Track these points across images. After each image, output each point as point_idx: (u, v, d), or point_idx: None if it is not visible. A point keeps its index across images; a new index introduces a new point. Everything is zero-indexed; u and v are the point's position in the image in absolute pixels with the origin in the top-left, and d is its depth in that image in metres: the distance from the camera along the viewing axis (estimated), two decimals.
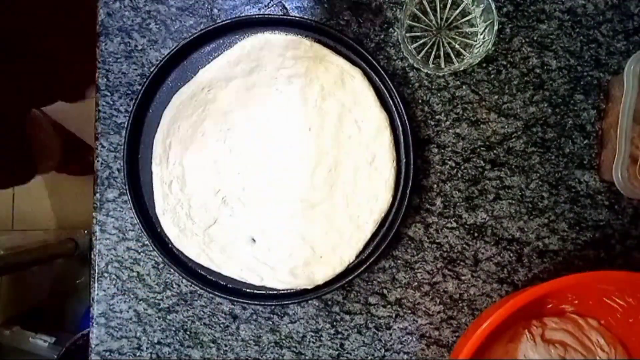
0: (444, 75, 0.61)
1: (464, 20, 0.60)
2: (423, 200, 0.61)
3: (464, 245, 0.60)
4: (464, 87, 0.61)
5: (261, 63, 0.59)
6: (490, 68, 0.61)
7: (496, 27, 0.56)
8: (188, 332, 0.61)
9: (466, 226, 0.60)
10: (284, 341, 0.61)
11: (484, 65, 0.61)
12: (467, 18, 0.60)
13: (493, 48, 0.60)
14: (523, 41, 0.61)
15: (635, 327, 0.55)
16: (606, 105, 0.61)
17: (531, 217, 0.61)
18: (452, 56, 0.60)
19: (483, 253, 0.60)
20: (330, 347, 0.61)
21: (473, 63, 0.58)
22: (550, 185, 0.61)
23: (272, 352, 0.61)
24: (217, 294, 0.58)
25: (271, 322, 0.61)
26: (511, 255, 0.60)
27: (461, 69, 0.59)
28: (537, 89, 0.61)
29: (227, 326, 0.61)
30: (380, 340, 0.60)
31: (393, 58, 0.61)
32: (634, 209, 0.61)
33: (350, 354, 0.60)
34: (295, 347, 0.61)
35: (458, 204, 0.60)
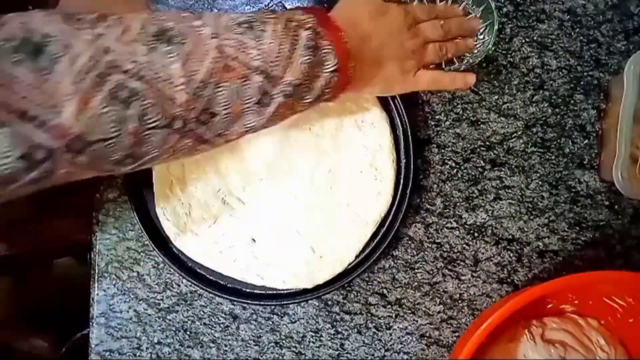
0: None
1: None
2: (423, 200, 0.61)
3: (464, 245, 0.60)
4: None
5: None
6: (490, 68, 0.61)
7: (496, 27, 0.56)
8: (188, 332, 0.61)
9: (466, 226, 0.60)
10: (284, 341, 0.61)
11: (484, 65, 0.61)
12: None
13: (493, 48, 0.60)
14: (523, 41, 0.61)
15: (635, 327, 0.55)
16: (606, 105, 0.61)
17: (531, 217, 0.61)
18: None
19: (483, 253, 0.60)
20: (330, 347, 0.61)
21: (473, 63, 0.58)
22: (550, 185, 0.61)
23: (272, 352, 0.61)
24: (218, 294, 0.58)
25: (271, 322, 0.61)
26: (511, 255, 0.60)
27: (461, 69, 0.59)
28: (537, 89, 0.61)
29: (227, 326, 0.61)
30: (380, 340, 0.60)
31: None
32: (634, 209, 0.60)
33: (350, 354, 0.60)
34: (295, 347, 0.61)
35: (458, 204, 0.60)
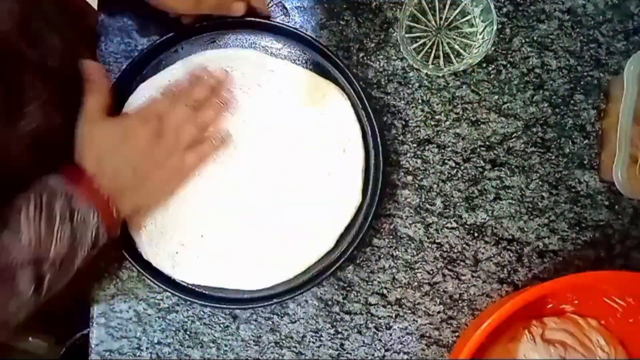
0: (444, 75, 0.61)
1: (464, 20, 0.60)
2: (423, 200, 0.61)
3: (464, 245, 0.60)
4: (464, 87, 0.61)
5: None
6: (490, 68, 0.61)
7: (495, 27, 0.56)
8: (188, 332, 0.61)
9: (466, 226, 0.60)
10: (284, 341, 0.61)
11: (484, 65, 0.61)
12: (467, 18, 0.60)
13: (493, 48, 0.60)
14: (523, 41, 0.61)
15: (635, 327, 0.55)
16: (606, 105, 0.61)
17: (531, 217, 0.60)
18: (452, 56, 0.60)
19: (483, 253, 0.60)
20: (330, 347, 0.61)
21: (473, 63, 0.58)
22: (550, 185, 0.61)
23: (272, 352, 0.61)
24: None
25: (271, 322, 0.61)
26: (511, 255, 0.60)
27: (461, 69, 0.59)
28: (537, 89, 0.61)
29: (227, 326, 0.61)
30: (380, 340, 0.60)
31: (393, 58, 0.61)
32: (634, 209, 0.61)
33: (350, 354, 0.60)
34: (295, 347, 0.61)
35: (458, 204, 0.60)
